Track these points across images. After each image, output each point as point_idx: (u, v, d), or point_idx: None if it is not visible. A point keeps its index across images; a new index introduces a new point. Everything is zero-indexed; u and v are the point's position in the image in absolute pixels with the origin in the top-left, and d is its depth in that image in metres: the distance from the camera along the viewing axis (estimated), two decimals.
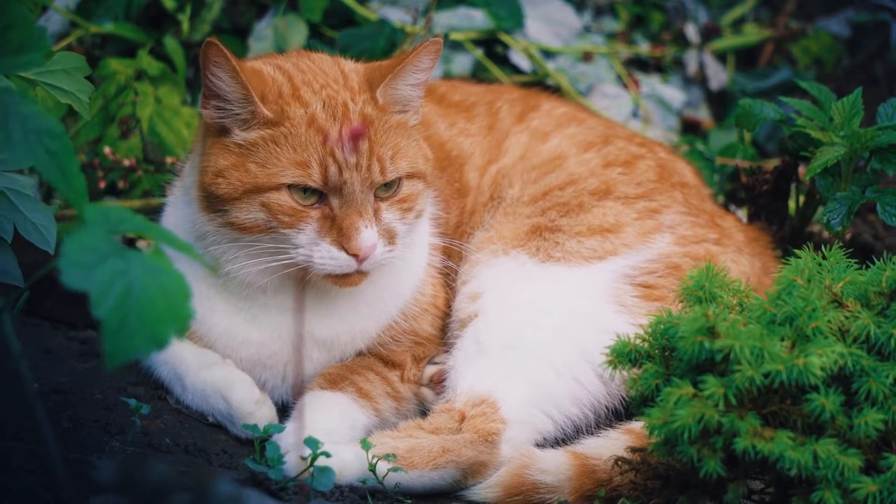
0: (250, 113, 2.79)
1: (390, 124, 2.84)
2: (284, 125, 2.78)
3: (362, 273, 2.82)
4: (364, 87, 2.86)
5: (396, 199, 2.85)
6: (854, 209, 3.09)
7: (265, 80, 2.83)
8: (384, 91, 2.84)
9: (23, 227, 2.76)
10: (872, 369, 2.40)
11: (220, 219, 2.83)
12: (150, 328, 2.00)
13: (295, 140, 2.78)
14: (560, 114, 3.34)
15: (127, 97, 3.74)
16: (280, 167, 2.77)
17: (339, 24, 4.03)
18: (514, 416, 2.83)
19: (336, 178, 2.76)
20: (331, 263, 2.78)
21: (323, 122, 2.79)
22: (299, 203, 2.78)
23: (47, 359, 3.24)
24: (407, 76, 2.85)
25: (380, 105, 2.84)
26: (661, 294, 2.96)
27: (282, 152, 2.78)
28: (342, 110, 2.81)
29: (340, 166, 2.76)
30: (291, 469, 2.66)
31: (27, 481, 2.33)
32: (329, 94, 2.82)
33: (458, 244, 3.10)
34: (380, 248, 2.79)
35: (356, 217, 2.77)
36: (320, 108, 2.80)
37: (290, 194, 2.78)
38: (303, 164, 2.76)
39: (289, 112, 2.79)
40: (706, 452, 2.37)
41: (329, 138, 2.77)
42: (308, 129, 2.78)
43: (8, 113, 2.14)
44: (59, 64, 2.75)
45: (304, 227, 2.78)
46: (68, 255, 1.99)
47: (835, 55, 4.46)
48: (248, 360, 2.98)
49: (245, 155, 2.80)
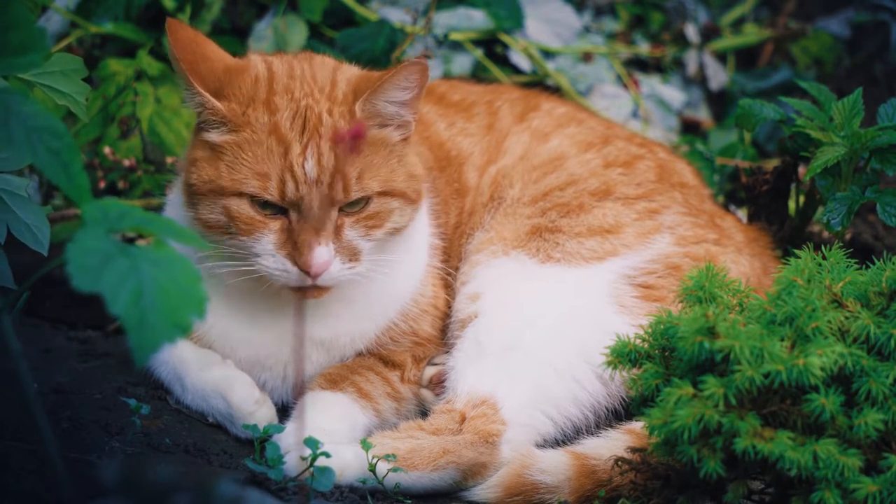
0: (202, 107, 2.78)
1: (365, 140, 2.79)
2: (246, 130, 2.76)
3: (321, 288, 2.79)
4: (349, 98, 2.82)
5: (363, 216, 2.80)
6: (854, 209, 3.09)
7: (238, 78, 2.82)
8: (363, 105, 2.80)
9: (16, 228, 2.76)
10: (872, 369, 2.40)
11: (192, 214, 2.83)
12: (170, 317, 2.02)
13: (257, 148, 2.75)
14: (560, 114, 3.34)
15: (127, 97, 3.74)
16: (242, 175, 2.75)
17: (339, 24, 4.03)
18: (514, 417, 2.83)
19: (293, 194, 2.73)
20: (284, 276, 2.77)
21: (285, 132, 2.76)
22: (259, 213, 2.76)
23: (47, 359, 3.24)
24: (387, 93, 2.80)
25: (357, 119, 2.80)
26: (661, 294, 2.96)
27: (246, 159, 2.76)
28: (314, 121, 2.77)
29: (298, 182, 2.73)
30: (291, 469, 2.66)
31: (27, 481, 2.33)
32: (307, 104, 2.79)
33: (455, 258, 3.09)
34: (336, 265, 2.76)
35: (311, 233, 2.73)
36: (287, 117, 2.77)
37: (251, 203, 2.76)
38: (263, 176, 2.74)
39: (250, 117, 2.77)
40: (706, 452, 2.37)
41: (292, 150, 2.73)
42: (269, 138, 2.75)
43: (9, 112, 2.14)
44: (56, 66, 2.75)
45: (260, 237, 2.76)
46: (74, 259, 1.99)
47: (835, 55, 4.46)
48: (247, 361, 2.98)
49: (217, 152, 2.79)
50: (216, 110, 2.77)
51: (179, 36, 2.79)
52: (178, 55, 2.77)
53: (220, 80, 2.81)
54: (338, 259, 2.76)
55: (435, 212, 3.13)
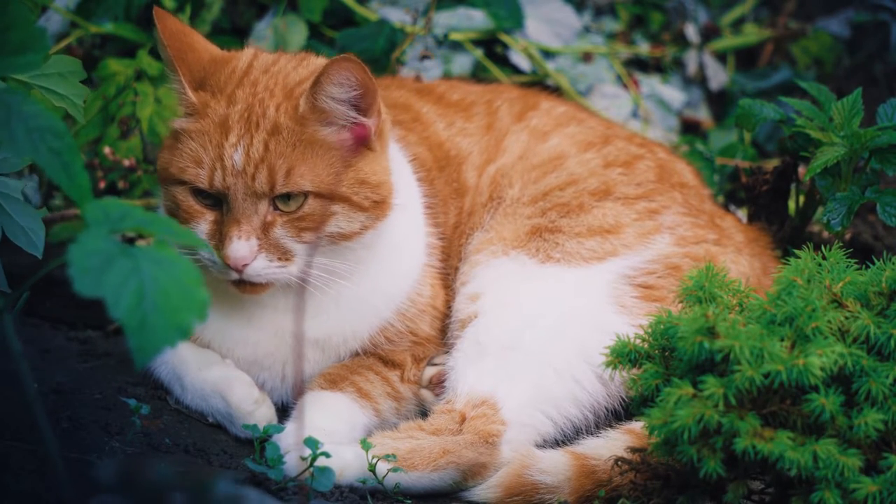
0: (181, 95, 2.82)
1: (303, 137, 2.77)
2: (203, 120, 2.79)
3: (253, 284, 2.80)
4: (298, 94, 2.81)
5: (295, 217, 2.78)
6: (854, 209, 3.09)
7: (220, 69, 2.85)
8: (305, 100, 2.78)
9: (11, 230, 2.77)
10: (872, 369, 2.40)
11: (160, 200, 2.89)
12: (171, 319, 2.02)
13: (203, 138, 2.78)
14: (559, 113, 3.34)
15: (127, 97, 3.74)
16: (185, 162, 2.79)
17: (339, 24, 4.03)
18: (514, 417, 2.83)
19: (220, 183, 2.75)
20: (213, 268, 2.79)
21: (231, 124, 2.77)
22: (197, 202, 2.80)
23: (47, 359, 3.24)
24: (324, 89, 2.76)
25: (298, 115, 2.78)
26: (661, 294, 2.96)
27: (191, 147, 2.79)
28: (258, 115, 2.78)
29: (225, 171, 2.74)
30: (291, 469, 2.66)
31: (27, 481, 2.33)
32: (261, 98, 2.80)
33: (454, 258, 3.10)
34: (262, 262, 2.76)
35: (232, 225, 2.75)
36: (238, 111, 2.78)
37: (191, 192, 2.80)
38: (198, 164, 2.77)
39: (209, 108, 2.80)
40: (706, 452, 2.37)
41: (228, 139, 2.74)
42: (216, 129, 2.78)
43: (10, 112, 2.14)
44: (54, 67, 2.75)
45: (196, 226, 2.80)
46: (76, 262, 1.99)
47: (835, 55, 4.45)
48: (245, 360, 2.98)
49: (174, 140, 2.83)
50: (188, 99, 2.81)
51: (168, 24, 2.82)
52: (167, 42, 2.80)
53: (204, 70, 2.85)
54: (263, 255, 2.77)
55: (433, 212, 3.13)
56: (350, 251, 2.87)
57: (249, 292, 2.84)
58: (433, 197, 3.14)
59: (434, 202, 3.14)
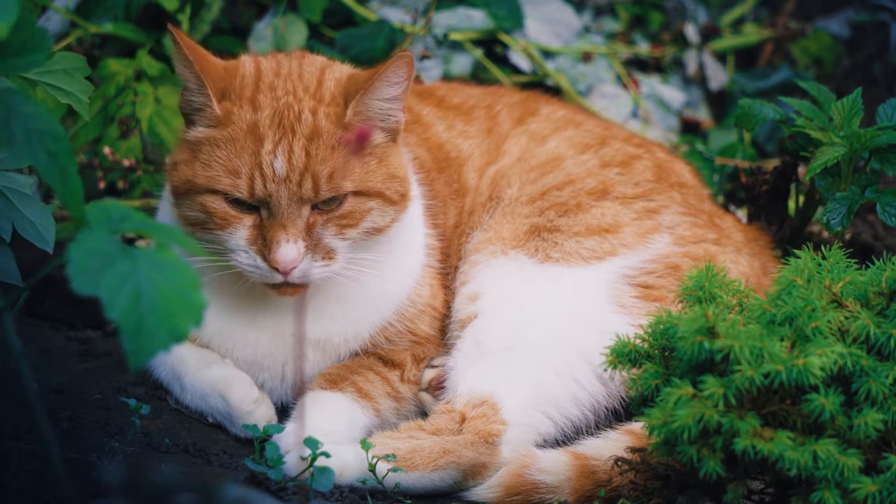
0: (204, 107, 2.80)
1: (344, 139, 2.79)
2: (229, 128, 2.78)
3: (296, 286, 2.80)
4: (337, 99, 2.83)
5: (336, 216, 2.80)
6: (854, 209, 3.09)
7: (234, 78, 2.83)
8: (355, 107, 2.81)
9: (21, 226, 2.77)
10: (872, 369, 2.40)
11: (176, 211, 2.86)
12: (167, 323, 2.01)
13: (233, 146, 2.77)
14: (558, 117, 3.34)
15: (126, 97, 3.74)
16: (216, 171, 2.77)
17: (338, 24, 4.03)
18: (514, 417, 2.83)
19: (262, 192, 2.75)
20: (257, 272, 2.79)
21: (263, 131, 2.77)
22: (233, 208, 2.78)
23: (47, 359, 3.24)
24: (378, 91, 2.81)
25: (344, 122, 2.80)
26: (661, 294, 2.96)
27: (220, 156, 2.78)
28: (292, 119, 2.77)
29: (266, 179, 2.74)
30: (291, 469, 2.66)
31: (27, 481, 2.33)
32: (288, 102, 2.80)
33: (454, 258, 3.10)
34: (307, 263, 2.77)
35: (279, 230, 2.75)
36: (267, 116, 2.78)
37: (225, 199, 2.78)
38: (234, 173, 2.76)
39: (234, 115, 2.79)
40: (706, 452, 2.37)
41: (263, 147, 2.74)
42: (246, 137, 2.77)
43: (10, 113, 2.14)
44: (59, 64, 2.75)
45: (234, 231, 2.79)
46: (75, 261, 1.99)
47: (834, 55, 4.46)
48: (244, 361, 2.98)
49: (194, 152, 2.81)
50: (213, 111, 2.79)
51: (187, 40, 2.79)
52: (193, 57, 2.78)
53: (223, 80, 2.84)
54: (309, 257, 2.77)
55: (433, 212, 3.14)
56: (376, 245, 2.89)
57: (290, 294, 2.83)
58: (432, 198, 3.14)
59: (433, 203, 3.14)
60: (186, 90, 2.82)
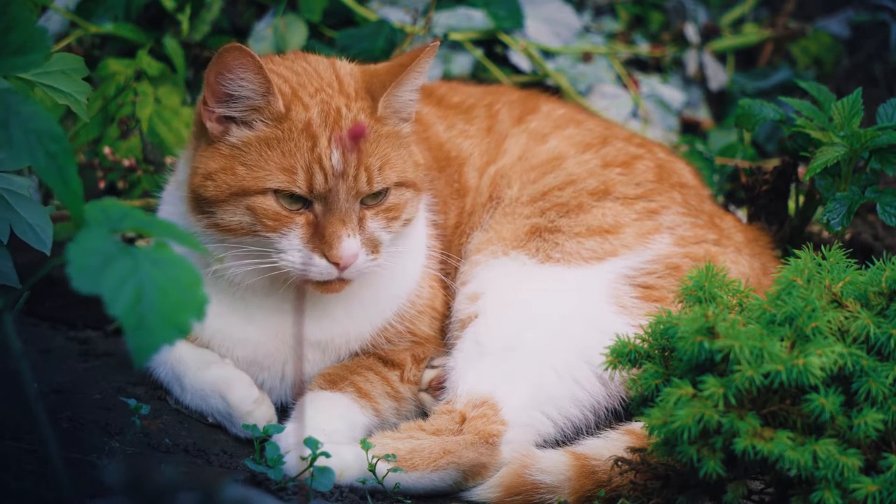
0: (263, 107, 2.78)
1: (382, 133, 2.84)
2: (285, 125, 2.78)
3: (344, 280, 2.82)
4: (362, 94, 2.86)
5: (383, 208, 2.84)
6: (854, 209, 3.09)
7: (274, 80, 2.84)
8: (386, 100, 2.84)
9: (19, 227, 2.77)
10: (872, 369, 2.40)
11: (206, 220, 2.83)
12: (169, 319, 2.02)
13: (286, 144, 2.78)
14: (558, 115, 3.34)
15: (126, 97, 3.74)
16: (267, 171, 2.77)
17: (338, 24, 4.03)
18: (514, 417, 2.83)
19: (321, 187, 2.76)
20: (312, 270, 2.79)
21: (316, 128, 2.79)
22: (284, 208, 2.78)
23: (47, 359, 3.24)
24: (409, 83, 2.86)
25: (377, 115, 2.84)
26: (661, 295, 2.96)
27: (272, 156, 2.78)
28: (334, 117, 2.80)
29: (326, 174, 2.76)
30: (291, 469, 2.66)
31: (27, 481, 2.33)
32: (323, 100, 2.82)
33: (454, 258, 3.11)
34: (362, 257, 2.79)
35: (339, 226, 2.76)
36: (317, 114, 2.80)
37: (276, 199, 2.78)
38: (289, 170, 2.76)
39: (292, 113, 2.79)
40: (706, 452, 2.37)
41: (319, 143, 2.76)
42: (301, 134, 2.78)
43: (9, 113, 2.14)
44: (57, 65, 2.75)
45: (287, 232, 2.79)
46: (75, 260, 1.99)
47: (834, 55, 4.46)
48: (244, 360, 2.98)
49: (235, 157, 2.80)
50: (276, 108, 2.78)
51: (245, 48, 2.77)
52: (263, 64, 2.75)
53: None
54: (363, 251, 2.79)
55: (433, 212, 3.14)
56: (401, 239, 2.93)
57: (335, 290, 2.84)
58: (433, 198, 3.14)
59: (433, 203, 3.14)
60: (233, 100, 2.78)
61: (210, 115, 2.82)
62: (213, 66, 2.76)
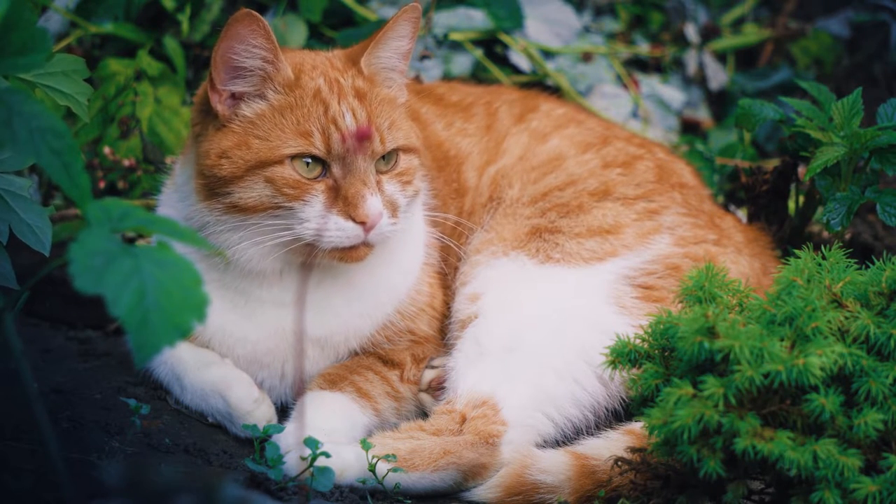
0: (273, 75, 2.83)
1: (381, 97, 2.90)
2: (295, 93, 2.83)
3: (368, 245, 2.84)
4: (348, 65, 2.92)
5: (396, 173, 2.89)
6: (854, 209, 3.09)
7: None
8: (367, 60, 2.91)
9: (18, 228, 2.77)
10: (872, 369, 2.40)
11: (221, 203, 2.84)
12: (171, 319, 2.03)
13: (299, 111, 2.82)
14: (559, 115, 3.34)
15: (127, 97, 3.74)
16: (283, 138, 2.80)
17: (338, 24, 4.03)
18: (514, 417, 2.83)
19: (339, 147, 2.80)
20: (338, 235, 2.80)
21: (325, 94, 2.84)
22: (303, 175, 2.80)
23: (47, 359, 3.24)
24: (388, 43, 2.91)
25: (366, 76, 2.91)
26: (661, 295, 2.96)
27: (286, 123, 2.82)
28: (337, 86, 2.86)
29: (344, 134, 2.80)
30: (291, 469, 2.66)
31: (27, 481, 2.33)
32: (323, 72, 2.88)
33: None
34: (385, 217, 2.83)
35: (361, 185, 2.80)
36: (323, 83, 2.86)
37: (294, 167, 2.80)
38: (305, 134, 2.80)
39: (302, 80, 2.85)
40: (706, 452, 2.37)
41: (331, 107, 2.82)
42: (313, 100, 2.83)
43: (12, 111, 2.14)
44: (57, 66, 2.75)
45: (309, 198, 2.80)
46: (77, 260, 1.99)
47: (834, 55, 4.46)
48: (244, 359, 2.98)
49: (248, 132, 2.83)
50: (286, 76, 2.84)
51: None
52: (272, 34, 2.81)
53: None
54: (385, 212, 2.82)
55: (432, 211, 3.13)
56: (412, 205, 2.97)
57: (357, 259, 2.85)
58: (432, 197, 3.14)
59: (434, 202, 3.14)
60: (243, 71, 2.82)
61: (219, 97, 2.84)
62: (222, 40, 2.80)
